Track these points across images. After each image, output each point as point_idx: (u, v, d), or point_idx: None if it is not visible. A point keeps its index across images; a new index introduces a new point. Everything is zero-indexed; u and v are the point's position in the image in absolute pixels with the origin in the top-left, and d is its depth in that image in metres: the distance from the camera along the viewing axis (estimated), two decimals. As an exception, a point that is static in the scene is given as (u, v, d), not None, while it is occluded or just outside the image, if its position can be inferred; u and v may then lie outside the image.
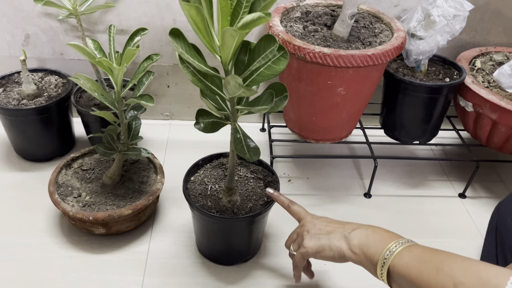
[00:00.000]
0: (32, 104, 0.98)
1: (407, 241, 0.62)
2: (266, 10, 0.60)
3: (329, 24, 0.97)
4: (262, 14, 0.53)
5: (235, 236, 0.83)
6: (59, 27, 1.07)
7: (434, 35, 0.93)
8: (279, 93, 0.66)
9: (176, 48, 0.59)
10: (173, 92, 1.20)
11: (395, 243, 0.61)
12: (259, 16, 0.53)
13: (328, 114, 0.95)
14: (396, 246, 0.60)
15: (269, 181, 0.86)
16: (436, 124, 1.04)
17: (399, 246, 0.60)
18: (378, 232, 0.65)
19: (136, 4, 1.04)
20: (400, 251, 0.59)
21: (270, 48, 0.59)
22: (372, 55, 0.83)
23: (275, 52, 0.60)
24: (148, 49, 1.11)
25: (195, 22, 0.57)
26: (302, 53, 0.84)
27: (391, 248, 0.60)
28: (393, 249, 0.60)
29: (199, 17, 0.56)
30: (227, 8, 0.56)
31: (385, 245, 0.61)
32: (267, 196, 0.82)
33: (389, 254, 0.60)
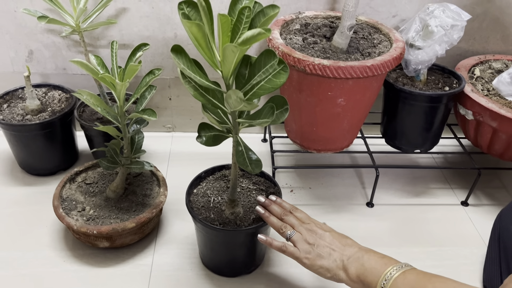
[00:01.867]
0: (36, 119, 0.99)
1: (402, 266, 0.65)
2: (266, 25, 0.61)
3: (328, 36, 0.98)
4: (262, 30, 0.54)
5: (239, 248, 0.83)
6: (61, 42, 1.08)
7: (432, 45, 0.94)
8: (280, 106, 0.66)
9: (178, 65, 0.60)
10: (175, 105, 1.21)
11: (390, 269, 0.64)
12: (259, 32, 0.54)
13: (329, 124, 0.96)
14: (392, 273, 0.63)
15: (271, 192, 0.86)
16: (437, 132, 1.05)
17: (395, 272, 0.63)
18: (373, 258, 0.67)
19: (138, 19, 1.05)
20: (396, 278, 0.62)
21: (271, 63, 0.60)
22: (371, 66, 0.84)
23: (275, 66, 0.61)
24: (150, 62, 1.12)
25: (196, 39, 0.58)
26: (302, 65, 0.85)
27: (386, 276, 0.63)
28: (389, 277, 0.63)
29: (200, 34, 0.57)
30: (227, 24, 0.57)
31: (381, 273, 0.64)
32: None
33: (385, 282, 0.62)
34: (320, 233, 0.73)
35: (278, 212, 0.78)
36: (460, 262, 0.92)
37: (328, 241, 0.72)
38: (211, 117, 0.69)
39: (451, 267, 0.91)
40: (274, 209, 0.79)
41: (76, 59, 0.71)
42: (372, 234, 0.98)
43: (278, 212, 0.78)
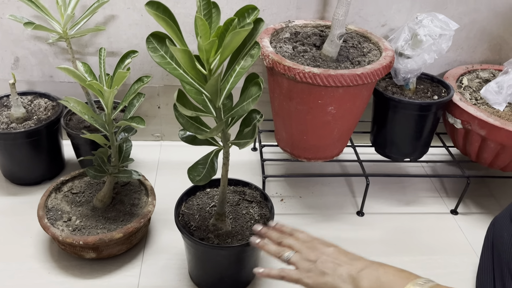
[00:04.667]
0: (21, 128, 0.97)
1: (425, 281, 0.56)
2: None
3: (318, 44, 0.98)
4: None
5: (228, 265, 0.81)
6: (48, 49, 1.07)
7: (421, 54, 0.94)
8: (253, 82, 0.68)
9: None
10: (164, 113, 1.20)
11: (411, 285, 0.56)
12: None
13: (319, 132, 0.95)
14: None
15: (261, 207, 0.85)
16: (426, 141, 1.05)
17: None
18: (390, 272, 0.59)
19: (126, 26, 1.05)
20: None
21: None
22: (361, 75, 0.84)
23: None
24: (139, 70, 1.11)
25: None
26: (292, 73, 0.85)
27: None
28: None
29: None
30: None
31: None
32: (261, 223, 0.81)
33: None
34: (323, 249, 0.65)
35: (275, 238, 0.70)
36: (451, 271, 0.92)
37: (333, 256, 0.63)
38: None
39: (442, 275, 0.90)
40: (272, 236, 0.71)
41: (63, 66, 0.69)
42: (363, 244, 0.97)
43: (275, 237, 0.70)
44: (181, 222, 0.80)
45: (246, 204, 0.86)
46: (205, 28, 0.58)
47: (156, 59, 0.63)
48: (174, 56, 0.64)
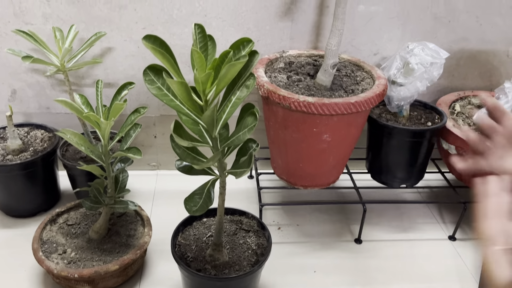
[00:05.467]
0: (17, 159, 0.97)
1: None
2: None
3: (312, 74, 0.99)
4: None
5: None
6: (45, 81, 1.08)
7: (413, 81, 0.96)
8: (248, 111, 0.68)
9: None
10: (160, 142, 1.20)
11: None
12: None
13: (315, 160, 0.96)
14: None
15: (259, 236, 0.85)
16: (421, 167, 1.06)
17: None
18: None
19: (123, 58, 1.06)
20: None
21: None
22: (355, 103, 0.86)
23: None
24: (135, 101, 1.12)
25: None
26: (287, 102, 0.86)
27: None
28: None
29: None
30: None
31: None
32: (259, 253, 0.80)
33: None
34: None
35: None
36: (451, 299, 0.91)
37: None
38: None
39: (442, 304, 0.89)
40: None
41: (60, 98, 0.70)
42: (362, 272, 0.96)
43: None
44: (177, 253, 0.80)
45: (243, 234, 0.86)
46: (201, 61, 0.59)
47: (153, 91, 0.64)
48: (170, 88, 0.64)
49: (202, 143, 0.68)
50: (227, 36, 1.06)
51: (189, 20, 1.03)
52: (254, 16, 1.04)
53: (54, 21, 0.99)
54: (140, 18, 1.01)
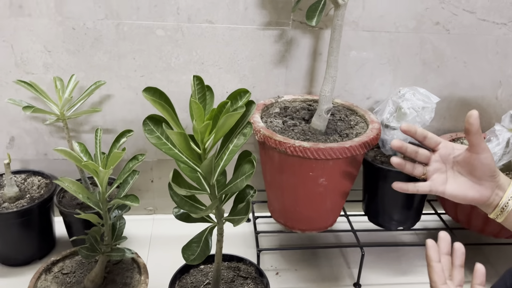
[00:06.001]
0: (14, 207, 0.97)
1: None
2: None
3: (307, 118, 1.02)
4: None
5: None
6: (44, 128, 1.09)
7: (406, 125, 0.98)
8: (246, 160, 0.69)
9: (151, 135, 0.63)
10: (157, 187, 1.21)
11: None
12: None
13: (311, 204, 0.96)
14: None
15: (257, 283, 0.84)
16: (418, 209, 1.06)
17: None
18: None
19: (121, 104, 1.08)
20: None
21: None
22: (350, 147, 0.87)
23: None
24: (133, 146, 1.13)
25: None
26: (283, 147, 0.87)
27: None
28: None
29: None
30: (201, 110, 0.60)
31: None
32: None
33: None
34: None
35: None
36: None
37: None
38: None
39: None
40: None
41: (59, 147, 0.71)
42: (362, 318, 0.95)
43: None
44: (175, 302, 0.78)
45: (241, 281, 0.85)
46: (200, 112, 0.61)
47: (152, 141, 0.66)
48: (169, 137, 0.66)
49: (200, 190, 0.69)
50: (224, 83, 1.09)
51: (186, 68, 1.06)
52: (249, 63, 1.08)
53: (54, 70, 1.01)
54: (139, 67, 1.04)
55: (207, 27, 1.02)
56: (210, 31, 1.02)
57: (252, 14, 1.02)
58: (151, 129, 0.66)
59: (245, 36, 1.04)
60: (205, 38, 1.03)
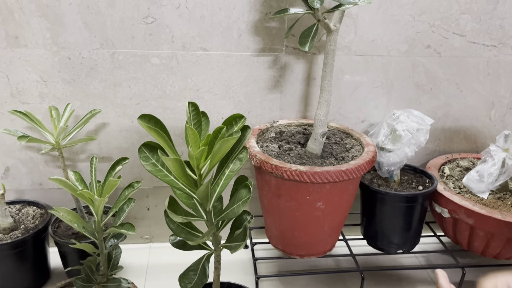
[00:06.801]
0: (8, 239, 0.95)
1: None
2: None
3: (302, 142, 1.02)
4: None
5: None
6: (39, 158, 1.09)
7: (402, 147, 0.98)
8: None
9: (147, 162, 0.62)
10: (153, 214, 1.19)
11: None
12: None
13: (309, 228, 0.95)
14: None
15: None
16: (417, 231, 1.06)
17: None
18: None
19: (117, 132, 1.08)
20: None
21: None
22: (346, 171, 0.87)
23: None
24: (128, 174, 1.13)
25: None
26: (279, 171, 0.87)
27: None
28: None
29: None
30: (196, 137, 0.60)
31: None
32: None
33: None
34: None
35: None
36: None
37: None
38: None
39: None
40: None
41: (55, 177, 0.71)
42: None
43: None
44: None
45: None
46: (195, 138, 0.61)
47: (147, 168, 0.65)
48: (165, 164, 0.66)
49: (196, 217, 0.68)
50: (219, 109, 1.09)
51: (182, 95, 1.06)
52: (244, 89, 1.09)
53: (50, 99, 1.02)
54: (134, 95, 1.05)
55: (202, 54, 1.03)
56: (204, 58, 1.04)
57: (246, 41, 1.03)
58: (147, 156, 0.66)
59: (240, 62, 1.06)
60: (200, 65, 1.04)
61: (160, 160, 0.66)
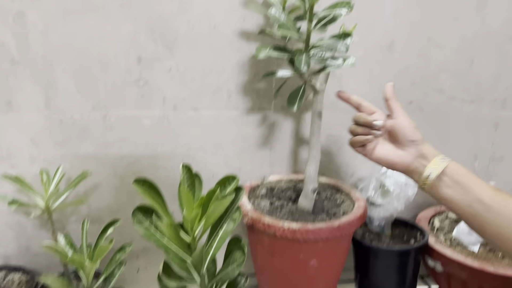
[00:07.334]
0: (-9, 308, 0.92)
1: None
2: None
3: (293, 198, 1.03)
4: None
5: None
6: (27, 222, 1.07)
7: (391, 202, 1.00)
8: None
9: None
10: (143, 277, 1.16)
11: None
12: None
13: (304, 287, 0.94)
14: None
15: None
16: (411, 285, 1.05)
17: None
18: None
19: (107, 192, 1.08)
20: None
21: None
22: (338, 227, 0.87)
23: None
24: (118, 234, 1.10)
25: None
26: (272, 230, 0.87)
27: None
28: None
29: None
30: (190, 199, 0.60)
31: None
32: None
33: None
34: None
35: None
36: None
37: None
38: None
39: None
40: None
41: (46, 244, 0.70)
42: None
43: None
44: None
45: None
46: (189, 200, 0.62)
47: (140, 232, 0.65)
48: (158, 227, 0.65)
49: (190, 281, 0.67)
50: (210, 167, 1.10)
51: (173, 154, 1.07)
52: (235, 147, 1.10)
53: (40, 162, 1.02)
54: (125, 155, 1.05)
55: (193, 114, 1.06)
56: (195, 118, 1.06)
57: (236, 100, 1.07)
58: (140, 219, 0.66)
59: (230, 121, 1.08)
60: (190, 124, 1.06)
61: (154, 223, 0.66)
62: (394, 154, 0.78)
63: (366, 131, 0.80)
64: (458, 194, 0.71)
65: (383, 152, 0.79)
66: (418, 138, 0.77)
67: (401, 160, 0.77)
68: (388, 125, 0.79)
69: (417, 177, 0.76)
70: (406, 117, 0.78)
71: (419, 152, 0.76)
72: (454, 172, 0.72)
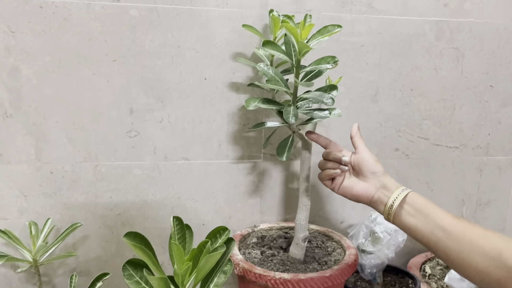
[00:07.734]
0: None
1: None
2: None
3: (284, 247, 1.02)
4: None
5: None
6: (13, 275, 1.04)
7: (382, 249, 1.00)
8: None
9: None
10: (131, 331, 1.13)
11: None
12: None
13: None
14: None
15: None
16: (406, 335, 1.03)
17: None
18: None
19: (96, 244, 1.06)
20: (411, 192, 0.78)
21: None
22: (330, 276, 0.87)
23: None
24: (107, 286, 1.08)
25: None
26: (263, 280, 0.86)
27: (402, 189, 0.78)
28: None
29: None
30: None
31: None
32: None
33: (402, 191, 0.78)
34: None
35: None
36: None
37: None
38: None
39: None
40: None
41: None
42: None
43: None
44: None
45: None
46: (180, 254, 0.61)
47: (131, 286, 0.64)
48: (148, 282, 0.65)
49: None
50: (200, 216, 1.10)
51: (163, 204, 1.07)
52: (225, 195, 1.11)
53: (29, 214, 1.01)
54: (116, 205, 1.05)
55: (183, 163, 1.07)
56: (186, 167, 1.07)
57: (226, 150, 1.08)
58: (131, 274, 0.65)
59: (220, 170, 1.09)
60: (181, 174, 1.07)
61: (144, 278, 0.65)
62: (358, 186, 0.82)
63: (335, 166, 0.86)
64: (420, 222, 0.74)
65: (349, 185, 0.83)
66: (379, 170, 0.81)
67: (365, 192, 0.80)
68: (353, 160, 0.84)
69: (381, 207, 0.79)
70: (368, 152, 0.83)
71: (382, 183, 0.80)
72: (414, 201, 0.76)
